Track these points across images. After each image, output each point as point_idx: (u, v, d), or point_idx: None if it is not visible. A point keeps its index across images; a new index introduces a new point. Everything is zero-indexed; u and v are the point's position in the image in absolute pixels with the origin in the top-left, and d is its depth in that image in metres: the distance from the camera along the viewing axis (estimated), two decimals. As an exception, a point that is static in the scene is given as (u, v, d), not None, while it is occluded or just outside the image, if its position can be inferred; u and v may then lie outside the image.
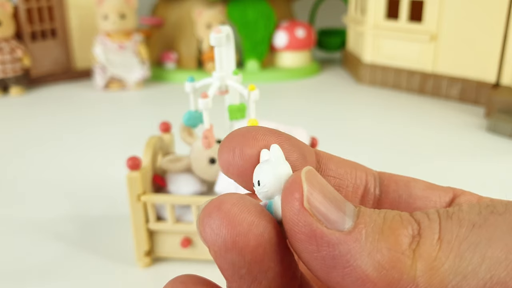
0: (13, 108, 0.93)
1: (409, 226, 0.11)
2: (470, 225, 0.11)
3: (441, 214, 0.12)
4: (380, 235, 0.11)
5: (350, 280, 0.11)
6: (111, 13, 0.99)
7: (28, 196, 0.57)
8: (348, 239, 0.11)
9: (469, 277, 0.11)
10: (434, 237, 0.11)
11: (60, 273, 0.43)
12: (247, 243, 0.11)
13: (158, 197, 0.40)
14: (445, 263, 0.11)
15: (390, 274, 0.11)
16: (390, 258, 0.11)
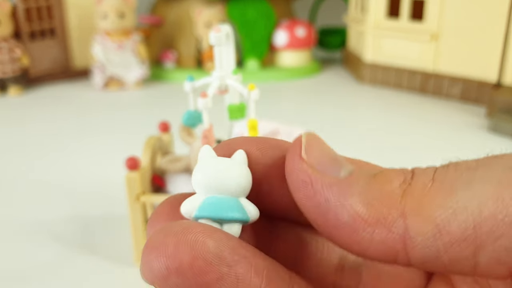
0: (12, 108, 0.93)
1: (401, 173, 0.12)
2: (465, 169, 0.11)
3: (438, 166, 0.12)
4: (373, 179, 0.12)
5: (343, 219, 0.11)
6: (110, 12, 0.98)
7: (27, 196, 0.57)
8: (341, 182, 0.12)
9: (459, 211, 0.11)
10: (427, 178, 0.11)
11: (60, 273, 0.43)
12: (179, 263, 0.11)
13: (157, 197, 0.40)
14: (436, 198, 0.11)
15: (379, 210, 0.11)
16: (379, 196, 0.11)
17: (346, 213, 0.11)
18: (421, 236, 0.11)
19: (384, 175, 0.12)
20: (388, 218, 0.11)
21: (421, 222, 0.11)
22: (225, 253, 0.11)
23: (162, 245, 0.11)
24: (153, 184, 0.43)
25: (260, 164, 0.14)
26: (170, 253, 0.11)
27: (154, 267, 0.11)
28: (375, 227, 0.11)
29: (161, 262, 0.11)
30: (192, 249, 0.11)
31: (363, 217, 0.11)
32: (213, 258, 0.11)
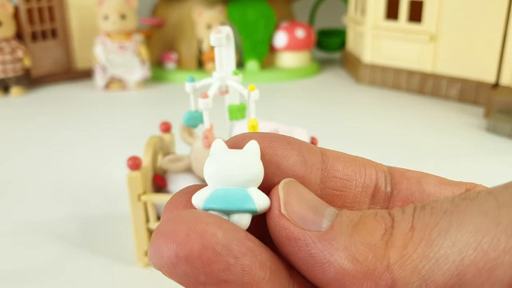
0: (14, 108, 0.94)
1: (382, 221, 0.12)
2: (442, 212, 0.12)
3: (416, 207, 0.12)
4: (354, 231, 0.12)
5: (330, 275, 0.12)
6: (111, 14, 0.99)
7: (28, 196, 0.58)
8: (324, 237, 0.12)
9: (441, 261, 0.11)
10: (406, 227, 0.12)
11: (60, 273, 0.43)
12: (189, 251, 0.11)
13: (159, 197, 0.41)
14: (417, 249, 0.11)
15: (365, 265, 0.11)
16: (363, 251, 0.12)
17: (333, 269, 0.12)
18: (408, 287, 0.11)
19: (365, 224, 0.12)
20: (374, 272, 0.11)
21: (407, 274, 0.11)
22: (233, 244, 0.12)
23: (173, 233, 0.11)
24: (154, 183, 0.43)
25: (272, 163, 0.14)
26: (180, 241, 0.11)
27: (164, 253, 0.11)
28: (363, 281, 0.11)
29: (171, 249, 0.11)
30: (202, 238, 0.11)
31: (350, 272, 0.11)
32: (222, 249, 0.11)
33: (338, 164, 0.15)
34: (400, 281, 0.11)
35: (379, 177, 0.15)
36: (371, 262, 0.11)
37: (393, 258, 0.11)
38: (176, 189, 0.43)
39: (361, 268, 0.11)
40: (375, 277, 0.11)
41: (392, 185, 0.15)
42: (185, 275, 0.11)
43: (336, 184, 0.15)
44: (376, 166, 0.16)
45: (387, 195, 0.15)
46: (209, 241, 0.11)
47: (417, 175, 0.16)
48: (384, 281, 0.11)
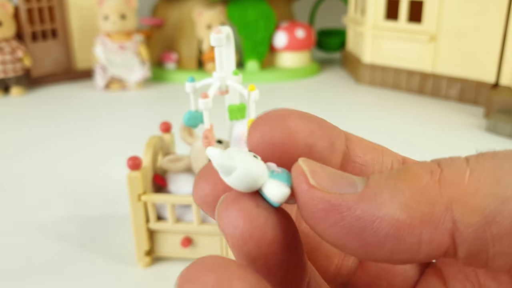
0: (14, 108, 0.94)
1: (427, 166, 0.11)
2: (504, 156, 0.10)
3: (470, 156, 0.11)
4: (397, 180, 0.11)
5: (384, 233, 0.10)
6: (111, 14, 0.99)
7: (28, 195, 0.58)
8: (365, 195, 0.11)
9: (509, 202, 0.10)
10: (461, 167, 0.10)
11: (60, 273, 0.43)
12: (264, 235, 0.11)
13: (159, 197, 0.41)
14: (480, 188, 0.10)
15: (420, 210, 0.10)
16: (414, 195, 0.10)
17: (385, 224, 0.10)
18: (470, 228, 0.10)
19: (407, 172, 0.11)
20: (432, 216, 0.10)
21: (469, 213, 0.10)
22: (279, 237, 0.12)
23: (245, 209, 0.11)
24: (154, 183, 0.43)
25: (306, 144, 0.13)
26: (241, 228, 0.11)
27: (235, 230, 0.11)
28: (422, 228, 0.10)
29: (237, 230, 0.11)
30: (264, 226, 0.11)
31: (406, 222, 0.10)
32: (273, 241, 0.12)
33: (358, 150, 0.14)
34: (462, 221, 0.10)
35: (394, 166, 0.14)
36: (426, 205, 0.10)
37: (452, 197, 0.10)
38: (176, 189, 0.43)
39: (415, 214, 0.10)
40: (434, 221, 0.10)
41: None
42: (248, 254, 0.12)
43: (355, 169, 0.14)
44: (393, 155, 0.15)
45: None
46: (280, 235, 0.11)
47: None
48: (444, 223, 0.10)
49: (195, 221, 0.41)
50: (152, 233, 0.43)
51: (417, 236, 0.10)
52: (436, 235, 0.10)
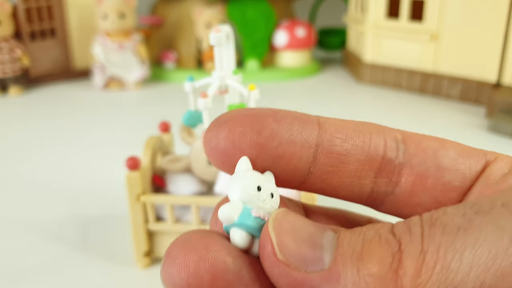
0: (12, 108, 0.93)
1: (387, 246, 0.11)
2: (455, 230, 0.11)
3: (424, 223, 0.11)
4: (360, 263, 0.11)
5: None
6: (110, 13, 0.98)
7: (27, 196, 0.57)
8: (329, 277, 0.11)
9: (459, 287, 0.10)
10: (416, 250, 0.11)
11: (59, 274, 0.43)
12: (201, 280, 0.11)
13: (158, 197, 0.40)
14: (432, 275, 0.10)
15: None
16: (373, 283, 0.11)
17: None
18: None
19: (370, 254, 0.11)
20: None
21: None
22: (244, 271, 0.12)
23: (184, 262, 0.12)
24: (153, 184, 0.43)
25: (256, 144, 0.13)
26: (191, 271, 0.11)
27: (176, 281, 0.12)
28: None
29: (182, 279, 0.11)
30: (212, 268, 0.11)
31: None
32: (232, 277, 0.12)
33: (336, 138, 0.14)
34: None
35: (388, 147, 0.14)
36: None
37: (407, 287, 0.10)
38: (175, 189, 0.43)
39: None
40: None
41: (405, 157, 0.14)
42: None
43: (332, 160, 0.14)
44: (387, 134, 0.14)
45: (398, 167, 0.14)
46: (219, 270, 0.11)
47: (434, 146, 0.14)
48: None
49: (195, 222, 0.41)
50: (151, 233, 0.43)
51: None
52: None
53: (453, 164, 0.14)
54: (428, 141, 0.15)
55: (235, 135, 0.13)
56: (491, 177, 0.14)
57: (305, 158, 0.13)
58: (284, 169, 0.13)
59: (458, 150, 0.15)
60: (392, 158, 0.14)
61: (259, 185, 0.12)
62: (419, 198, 0.14)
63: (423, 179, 0.14)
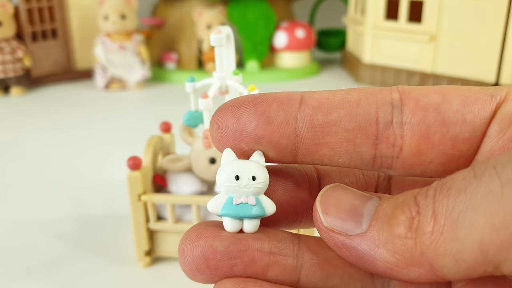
0: (14, 108, 0.94)
1: (409, 210, 0.13)
2: (456, 193, 0.12)
3: (437, 188, 0.13)
4: (388, 226, 0.13)
5: (380, 269, 0.13)
6: (111, 14, 0.99)
7: (28, 196, 0.58)
8: (366, 238, 0.13)
9: (465, 242, 0.12)
10: (429, 213, 0.12)
11: (60, 273, 0.43)
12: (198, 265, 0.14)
13: (159, 197, 0.41)
14: (443, 233, 0.12)
15: (404, 256, 0.13)
16: (399, 244, 0.13)
17: (380, 264, 0.13)
18: (445, 267, 0.12)
19: (396, 218, 0.13)
20: (413, 261, 0.12)
21: (440, 257, 0.12)
22: (231, 247, 0.14)
23: (184, 253, 0.14)
24: (154, 183, 0.43)
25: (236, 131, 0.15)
26: (189, 259, 0.14)
27: (184, 269, 0.15)
28: (407, 270, 0.13)
29: (186, 267, 0.14)
30: (204, 252, 0.14)
31: (394, 265, 0.13)
32: (221, 256, 0.14)
33: (318, 112, 0.14)
34: (436, 264, 0.12)
35: (381, 112, 0.14)
36: (408, 252, 0.12)
37: (425, 245, 0.12)
38: (176, 189, 0.43)
39: (402, 259, 0.13)
40: (415, 265, 0.12)
41: (403, 118, 0.14)
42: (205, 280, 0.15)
43: (315, 133, 0.14)
44: (379, 98, 0.14)
45: (398, 130, 0.14)
46: (209, 253, 0.14)
47: (436, 101, 0.14)
48: (423, 267, 0.12)
49: (195, 221, 0.41)
50: (152, 233, 0.43)
51: (405, 274, 0.13)
52: (421, 274, 0.13)
53: (459, 116, 0.14)
54: (428, 96, 0.14)
55: (220, 125, 0.15)
56: (504, 121, 0.14)
57: (287, 135, 0.14)
58: (269, 148, 0.15)
59: (463, 98, 0.14)
60: (388, 121, 0.14)
61: (237, 174, 0.14)
62: (428, 156, 0.14)
63: (428, 137, 0.14)
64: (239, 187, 0.15)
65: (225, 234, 0.15)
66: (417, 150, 0.14)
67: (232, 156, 0.15)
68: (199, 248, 0.14)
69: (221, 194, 0.15)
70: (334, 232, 0.13)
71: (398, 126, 0.14)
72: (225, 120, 0.15)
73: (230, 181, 0.15)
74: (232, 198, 0.15)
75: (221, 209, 0.15)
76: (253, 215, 0.15)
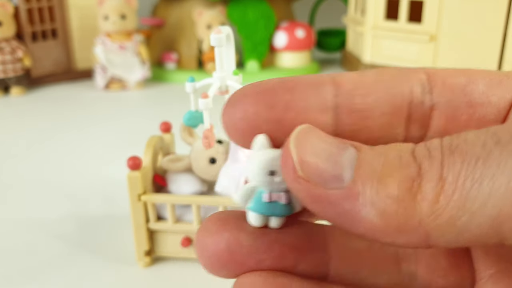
0: (14, 108, 0.94)
1: (407, 169, 0.11)
2: (474, 160, 0.11)
3: (444, 150, 0.11)
4: (379, 184, 0.11)
5: (361, 230, 0.11)
6: (111, 14, 0.99)
7: (28, 195, 0.58)
8: (348, 195, 0.11)
9: (477, 214, 0.10)
10: (436, 177, 0.11)
11: (60, 273, 0.43)
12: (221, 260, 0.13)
13: (159, 197, 0.41)
14: (450, 202, 0.11)
15: (396, 220, 0.11)
16: (391, 205, 0.11)
17: (363, 225, 0.11)
18: (443, 237, 0.11)
19: (390, 175, 0.11)
20: (406, 227, 0.11)
21: (441, 228, 0.11)
22: (259, 242, 0.13)
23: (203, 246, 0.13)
24: (154, 183, 0.43)
25: (271, 121, 0.13)
26: (211, 253, 0.13)
27: (205, 263, 0.13)
28: (395, 235, 0.11)
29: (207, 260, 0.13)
30: (228, 246, 0.13)
31: (381, 228, 0.11)
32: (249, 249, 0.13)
33: (356, 96, 0.13)
34: (434, 233, 0.11)
35: (414, 92, 0.14)
36: (402, 217, 0.11)
37: (425, 212, 0.11)
38: (176, 189, 0.43)
39: (391, 222, 0.11)
40: (407, 231, 0.11)
41: (432, 99, 0.14)
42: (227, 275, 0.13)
43: (355, 118, 0.13)
44: (411, 78, 0.14)
45: (427, 110, 0.14)
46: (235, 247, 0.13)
47: (462, 82, 0.14)
48: (417, 235, 0.11)
49: (195, 221, 0.41)
50: (152, 233, 0.43)
51: (391, 239, 0.11)
52: (410, 242, 0.11)
53: (484, 97, 0.14)
54: (454, 77, 0.14)
55: (249, 114, 0.13)
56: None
57: (325, 122, 0.13)
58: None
59: (488, 80, 0.14)
60: (419, 102, 0.14)
61: (272, 169, 0.13)
62: None
63: (454, 118, 0.14)
64: (272, 183, 0.13)
65: (249, 227, 0.13)
66: (444, 130, 0.14)
67: (265, 144, 0.13)
68: (223, 241, 0.13)
69: (250, 186, 0.13)
70: (309, 184, 0.11)
71: (428, 107, 0.14)
72: (255, 109, 0.13)
73: (264, 176, 0.13)
74: (262, 193, 0.13)
75: (251, 203, 0.13)
76: (284, 214, 0.13)
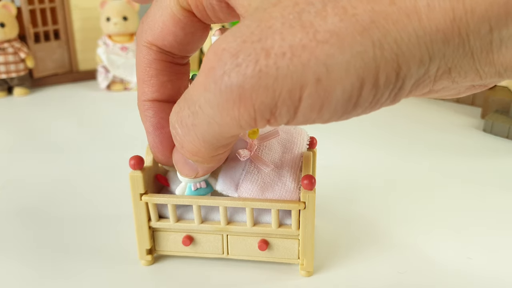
0: (16, 109, 0.94)
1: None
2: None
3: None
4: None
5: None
6: (113, 15, 1.00)
7: (29, 195, 0.58)
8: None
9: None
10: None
11: (61, 273, 0.44)
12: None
13: (159, 198, 0.41)
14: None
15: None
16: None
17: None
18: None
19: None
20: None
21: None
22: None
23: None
24: (156, 183, 0.44)
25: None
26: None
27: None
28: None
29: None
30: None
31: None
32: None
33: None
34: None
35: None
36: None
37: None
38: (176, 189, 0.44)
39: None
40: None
41: None
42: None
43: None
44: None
45: None
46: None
47: None
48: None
49: (196, 220, 0.42)
50: (153, 231, 0.44)
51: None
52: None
53: None
54: None
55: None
56: None
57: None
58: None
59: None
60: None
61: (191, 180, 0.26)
62: None
63: None
64: (194, 180, 0.23)
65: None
66: None
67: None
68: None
69: (183, 184, 0.31)
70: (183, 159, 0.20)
71: None
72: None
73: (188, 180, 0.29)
74: (191, 185, 0.33)
75: (186, 194, 0.27)
76: (206, 193, 0.30)
